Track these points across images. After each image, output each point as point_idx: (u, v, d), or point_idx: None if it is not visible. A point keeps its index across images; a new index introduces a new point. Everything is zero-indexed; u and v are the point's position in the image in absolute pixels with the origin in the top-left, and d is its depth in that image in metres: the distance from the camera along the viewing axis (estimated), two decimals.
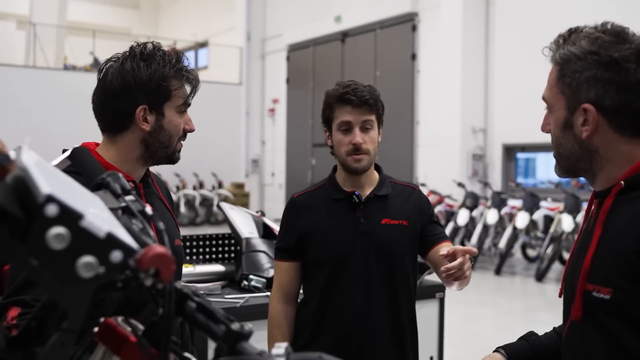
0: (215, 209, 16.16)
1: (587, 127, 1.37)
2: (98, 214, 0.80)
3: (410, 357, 2.30)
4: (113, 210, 0.94)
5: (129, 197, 0.99)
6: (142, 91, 1.74)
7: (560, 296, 1.53)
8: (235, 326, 0.87)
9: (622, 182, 1.36)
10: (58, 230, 0.73)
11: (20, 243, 0.73)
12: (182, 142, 1.88)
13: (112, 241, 0.76)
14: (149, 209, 0.98)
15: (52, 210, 0.72)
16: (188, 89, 1.84)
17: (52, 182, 0.76)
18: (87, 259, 0.75)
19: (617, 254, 1.31)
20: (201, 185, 16.64)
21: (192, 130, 1.88)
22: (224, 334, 0.87)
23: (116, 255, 0.77)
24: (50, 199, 0.72)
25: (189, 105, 1.86)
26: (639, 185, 1.34)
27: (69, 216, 0.73)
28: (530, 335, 1.66)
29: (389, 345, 2.23)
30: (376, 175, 2.33)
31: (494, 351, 1.62)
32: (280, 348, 0.88)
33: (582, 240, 1.46)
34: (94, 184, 1.03)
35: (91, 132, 2.16)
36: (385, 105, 2.29)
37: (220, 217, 16.14)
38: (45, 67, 17.12)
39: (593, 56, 1.34)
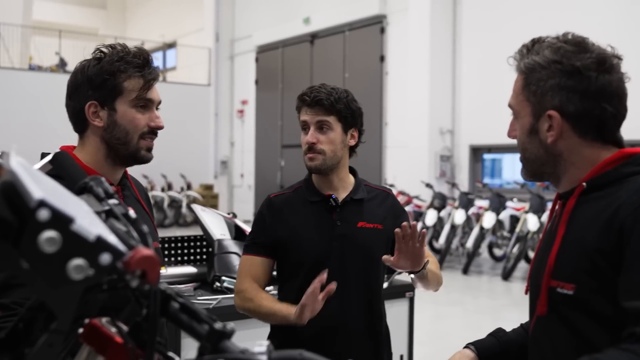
0: (184, 210, 16.08)
1: (552, 132, 1.43)
2: (86, 218, 0.83)
3: (385, 358, 2.34)
4: (97, 213, 0.96)
5: (112, 201, 1.01)
6: (89, 87, 1.76)
7: (526, 293, 1.59)
8: (218, 325, 0.90)
9: (584, 183, 1.42)
10: (50, 234, 0.75)
11: (12, 247, 0.75)
12: (150, 140, 1.85)
13: (101, 244, 0.79)
14: (132, 212, 1.00)
15: (44, 214, 0.74)
16: (142, 82, 1.80)
17: (41, 186, 0.79)
18: (78, 261, 0.77)
19: (579, 251, 1.38)
20: (169, 187, 16.54)
21: (159, 127, 1.85)
22: (207, 333, 0.90)
23: (105, 258, 0.79)
24: (42, 203, 0.74)
25: (147, 99, 1.82)
26: (600, 186, 1.41)
27: (60, 220, 0.76)
28: (499, 331, 1.72)
29: (365, 347, 2.26)
30: (351, 178, 2.36)
31: (464, 347, 1.68)
32: (262, 346, 0.92)
33: (546, 239, 1.53)
34: (77, 188, 1.04)
35: (56, 134, 2.17)
36: None
37: (189, 219, 16.06)
38: (9, 67, 16.84)
39: (556, 65, 1.41)
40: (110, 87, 1.76)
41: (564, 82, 1.40)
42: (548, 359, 1.31)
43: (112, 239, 0.82)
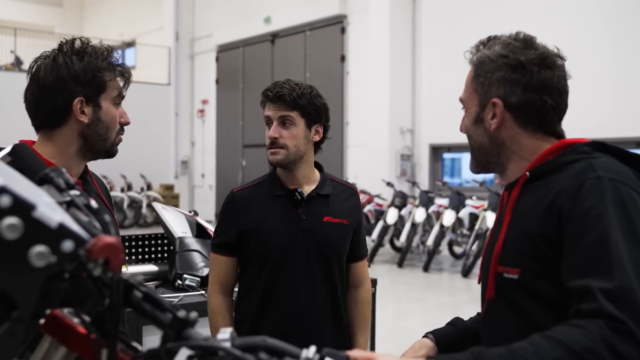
0: (144, 211, 15.89)
1: (495, 119, 1.53)
2: (48, 205, 0.82)
3: (348, 346, 2.37)
4: (59, 204, 0.96)
5: (74, 192, 1.01)
6: (77, 84, 1.77)
7: (479, 283, 1.64)
8: (181, 314, 0.90)
9: (527, 173, 1.51)
10: (11, 220, 0.75)
11: None
12: (120, 135, 1.90)
13: (63, 231, 0.79)
14: (94, 203, 1.00)
15: (4, 201, 0.74)
16: (121, 80, 1.87)
17: (2, 174, 0.78)
18: (40, 248, 0.77)
19: (523, 237, 1.45)
20: (129, 187, 16.32)
21: (127, 123, 1.90)
22: (171, 321, 0.90)
23: (67, 245, 0.79)
24: (3, 190, 0.74)
25: (123, 97, 1.88)
26: (542, 175, 1.49)
27: (22, 207, 0.75)
28: (456, 320, 1.77)
29: (330, 337, 2.28)
30: (317, 174, 2.37)
31: (423, 336, 1.72)
32: (226, 333, 0.92)
33: (495, 228, 1.60)
34: (37, 179, 1.03)
35: (11, 132, 2.13)
36: None
37: (149, 220, 15.88)
38: None
39: (503, 59, 1.51)
40: (99, 84, 1.79)
41: (508, 74, 1.50)
42: (497, 341, 1.35)
43: (74, 226, 0.82)
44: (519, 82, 1.49)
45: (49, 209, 0.80)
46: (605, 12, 9.78)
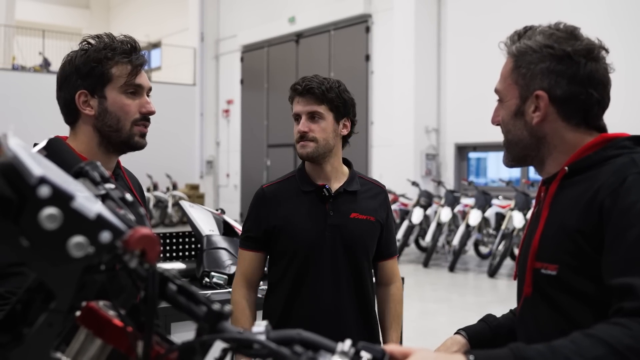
0: (169, 210, 16.01)
1: (538, 113, 1.47)
2: (86, 197, 0.83)
3: (379, 341, 2.37)
4: (95, 197, 0.96)
5: (109, 185, 1.01)
6: (78, 76, 1.77)
7: (515, 279, 1.62)
8: (216, 307, 0.90)
9: (566, 167, 1.46)
10: (50, 210, 0.75)
11: (12, 224, 0.75)
12: (143, 126, 1.85)
13: (101, 222, 0.79)
14: (128, 196, 1.00)
15: (44, 191, 0.75)
16: (132, 69, 1.81)
17: (41, 165, 0.79)
18: (78, 239, 0.77)
19: (562, 233, 1.41)
20: (155, 187, 16.46)
21: (150, 112, 1.85)
22: (206, 314, 0.90)
23: (105, 236, 0.79)
24: (43, 180, 0.75)
25: (137, 85, 1.82)
26: (581, 169, 1.45)
27: (61, 197, 0.76)
28: (489, 317, 1.75)
29: (361, 333, 2.27)
30: (345, 169, 2.38)
31: (455, 333, 1.70)
32: (260, 326, 0.92)
33: (531, 224, 1.57)
34: (73, 172, 1.04)
35: (42, 133, 2.14)
36: None
37: (174, 219, 15.99)
38: None
39: (548, 49, 1.44)
40: (98, 75, 1.77)
41: (553, 66, 1.44)
42: (534, 338, 1.33)
43: (112, 217, 0.82)
44: (565, 74, 1.43)
45: (87, 200, 0.81)
46: (614, 11, 9.66)
